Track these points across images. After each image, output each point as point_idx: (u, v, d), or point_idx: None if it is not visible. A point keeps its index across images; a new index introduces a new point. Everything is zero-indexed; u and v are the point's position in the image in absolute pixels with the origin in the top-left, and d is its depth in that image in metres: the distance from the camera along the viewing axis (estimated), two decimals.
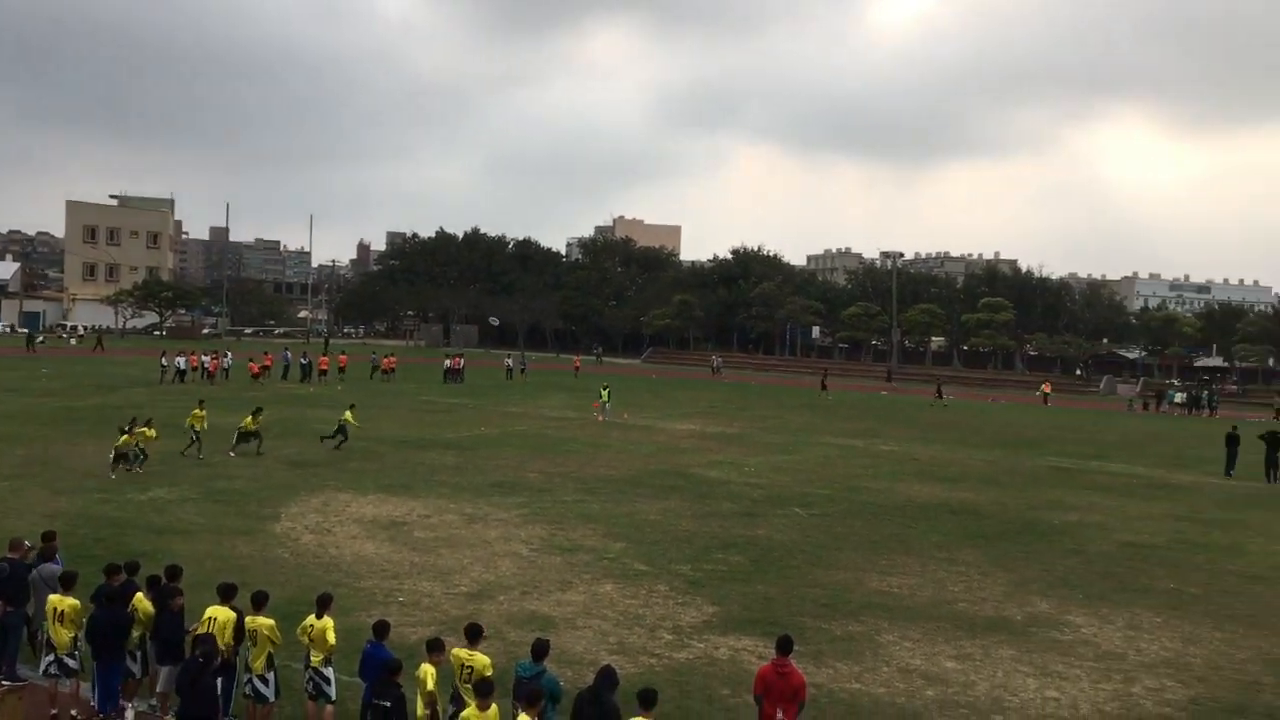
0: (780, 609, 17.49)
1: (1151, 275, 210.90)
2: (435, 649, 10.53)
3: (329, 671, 11.34)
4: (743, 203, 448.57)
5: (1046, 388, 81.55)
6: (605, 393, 49.51)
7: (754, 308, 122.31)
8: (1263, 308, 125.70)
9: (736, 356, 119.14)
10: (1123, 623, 17.62)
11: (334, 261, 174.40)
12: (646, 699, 9.31)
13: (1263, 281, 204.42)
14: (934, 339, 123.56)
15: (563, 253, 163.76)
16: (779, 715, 10.27)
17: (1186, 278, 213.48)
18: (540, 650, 10.40)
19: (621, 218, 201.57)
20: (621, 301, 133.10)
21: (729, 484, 30.14)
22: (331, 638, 11.35)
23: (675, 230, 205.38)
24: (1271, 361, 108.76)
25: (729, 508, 26.27)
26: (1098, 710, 13.51)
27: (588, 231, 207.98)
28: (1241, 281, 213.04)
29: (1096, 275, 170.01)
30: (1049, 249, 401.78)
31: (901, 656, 15.39)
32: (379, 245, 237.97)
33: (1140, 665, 15.45)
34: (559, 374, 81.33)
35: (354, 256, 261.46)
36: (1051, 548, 23.51)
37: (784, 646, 10.70)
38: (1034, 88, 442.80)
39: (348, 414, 34.69)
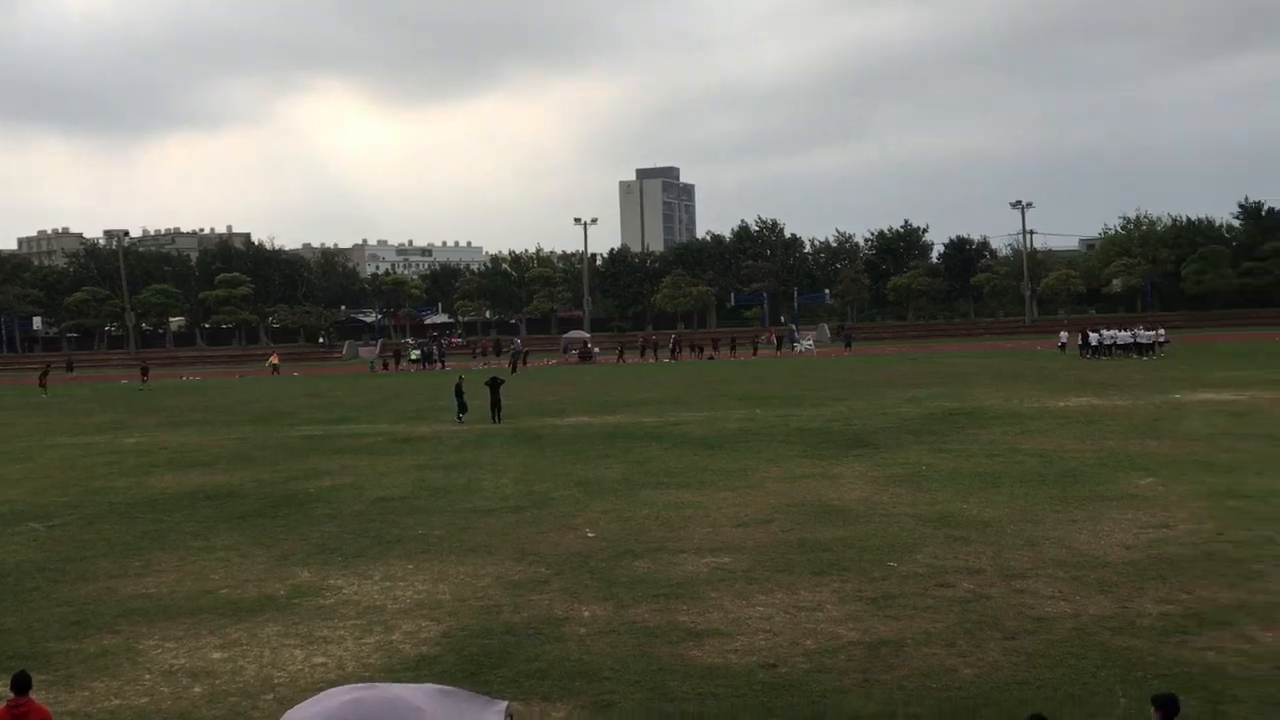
0: (20, 640, 15.67)
1: (380, 242, 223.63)
2: None
3: None
4: None
5: (274, 359, 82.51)
6: None
7: None
8: (476, 266, 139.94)
9: None
10: (380, 576, 18.66)
11: None
12: None
13: (475, 243, 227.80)
14: (173, 319, 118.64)
15: None
16: None
17: (411, 243, 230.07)
18: None
19: None
20: None
21: None
22: None
23: None
24: (488, 314, 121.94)
25: None
26: (362, 664, 14.19)
27: None
28: (457, 244, 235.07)
29: (329, 244, 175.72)
30: (280, 221, 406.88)
31: (164, 659, 14.70)
32: None
33: (398, 613, 16.52)
34: None
35: None
36: (309, 516, 24.05)
37: (19, 685, 9.61)
38: (244, 59, 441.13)
39: None
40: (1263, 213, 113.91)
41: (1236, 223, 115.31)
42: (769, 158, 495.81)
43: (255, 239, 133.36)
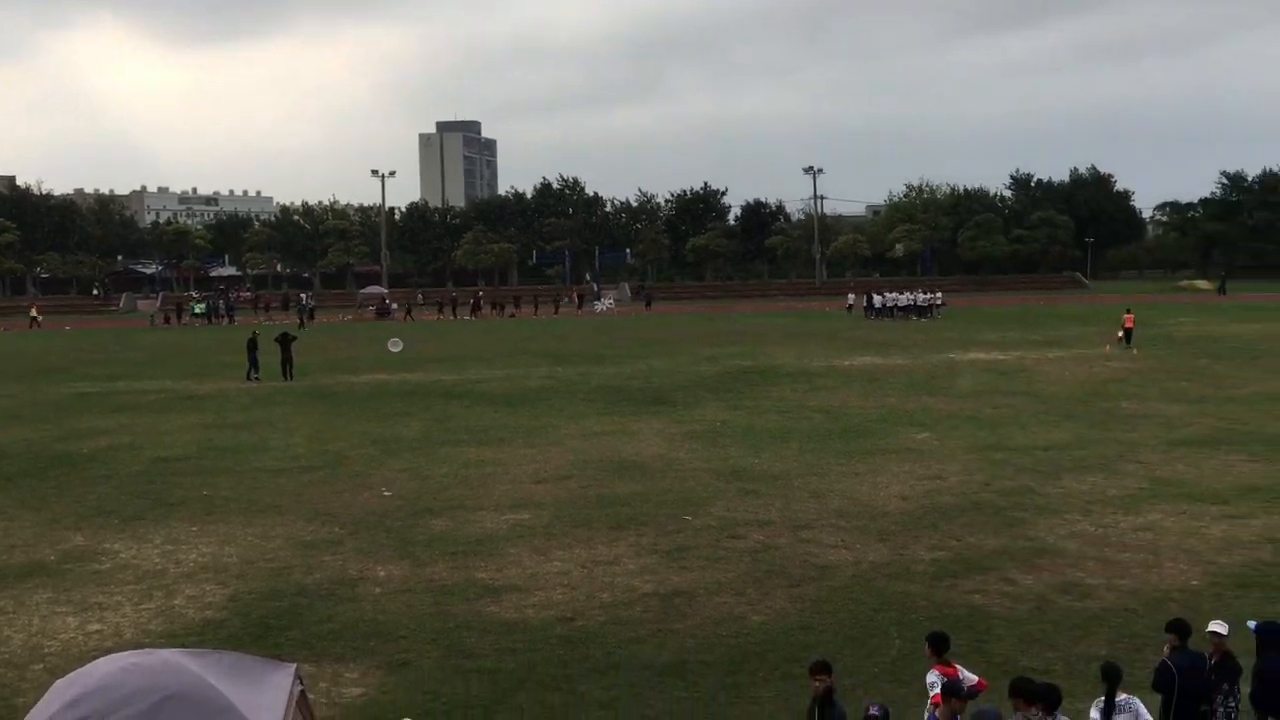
0: None
1: (161, 189, 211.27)
2: None
3: None
4: None
5: (34, 310, 77.14)
6: None
7: None
8: (266, 217, 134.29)
9: None
10: (161, 539, 17.83)
11: None
12: None
13: (265, 193, 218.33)
14: None
15: None
16: None
17: (195, 190, 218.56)
18: None
19: None
20: None
21: None
22: None
23: None
24: (280, 267, 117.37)
25: None
26: (141, 631, 13.57)
27: None
28: (246, 193, 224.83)
29: (104, 191, 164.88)
30: (48, 163, 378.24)
31: None
32: None
33: (181, 576, 15.84)
34: None
35: None
36: (83, 477, 22.72)
37: None
38: None
39: None
40: (1032, 184, 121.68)
41: (1009, 193, 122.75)
42: (570, 114, 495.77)
43: (21, 182, 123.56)
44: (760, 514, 18.59)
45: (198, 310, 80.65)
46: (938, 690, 8.28)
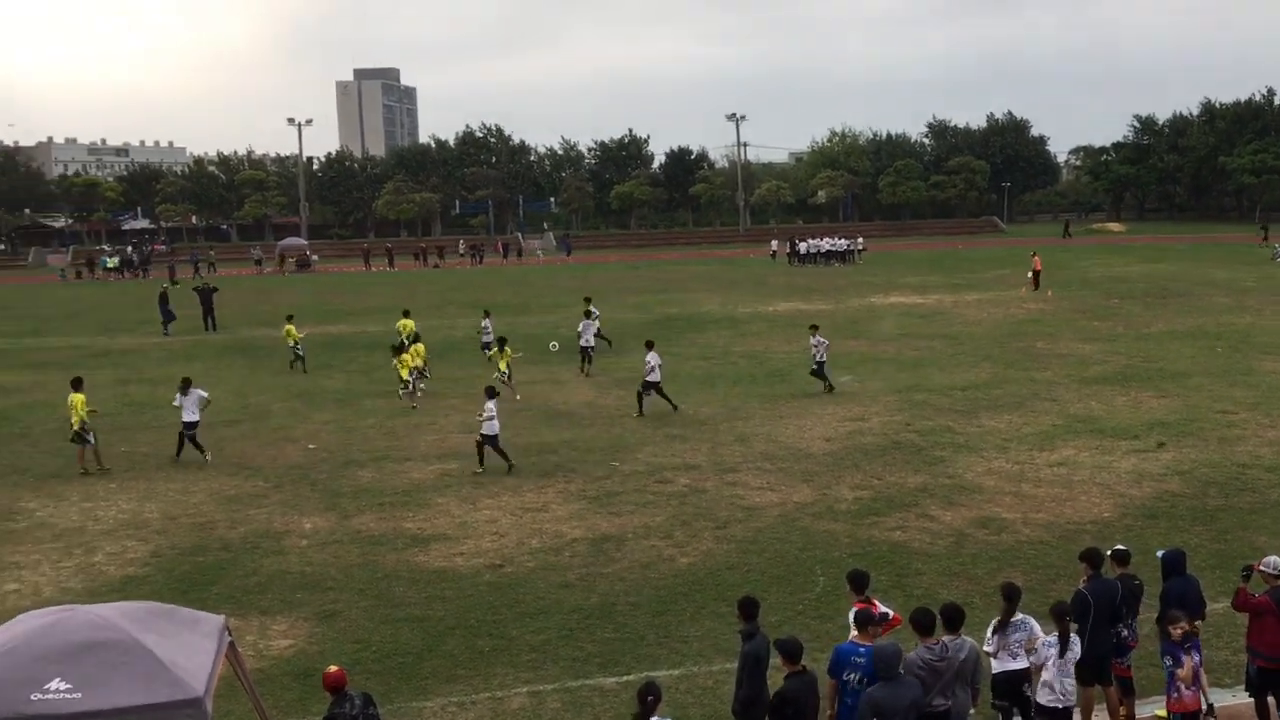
0: None
1: (69, 140, 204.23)
2: None
3: None
4: None
5: None
6: None
7: None
8: (180, 168, 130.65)
9: None
10: (78, 496, 17.49)
11: None
12: None
13: (177, 143, 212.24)
14: None
15: None
16: None
17: (104, 141, 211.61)
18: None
19: None
20: None
21: None
22: None
23: None
24: (195, 219, 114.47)
25: None
26: (61, 589, 13.33)
27: None
28: (158, 143, 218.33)
29: (9, 142, 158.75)
30: None
31: None
32: None
33: (100, 534, 15.57)
34: None
35: None
36: None
37: None
38: None
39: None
40: (949, 130, 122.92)
41: (927, 140, 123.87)
42: (477, 63, 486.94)
43: None
44: (687, 458, 18.76)
45: (110, 264, 78.41)
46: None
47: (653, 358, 22.58)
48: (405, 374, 24.72)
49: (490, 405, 18.24)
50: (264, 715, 8.89)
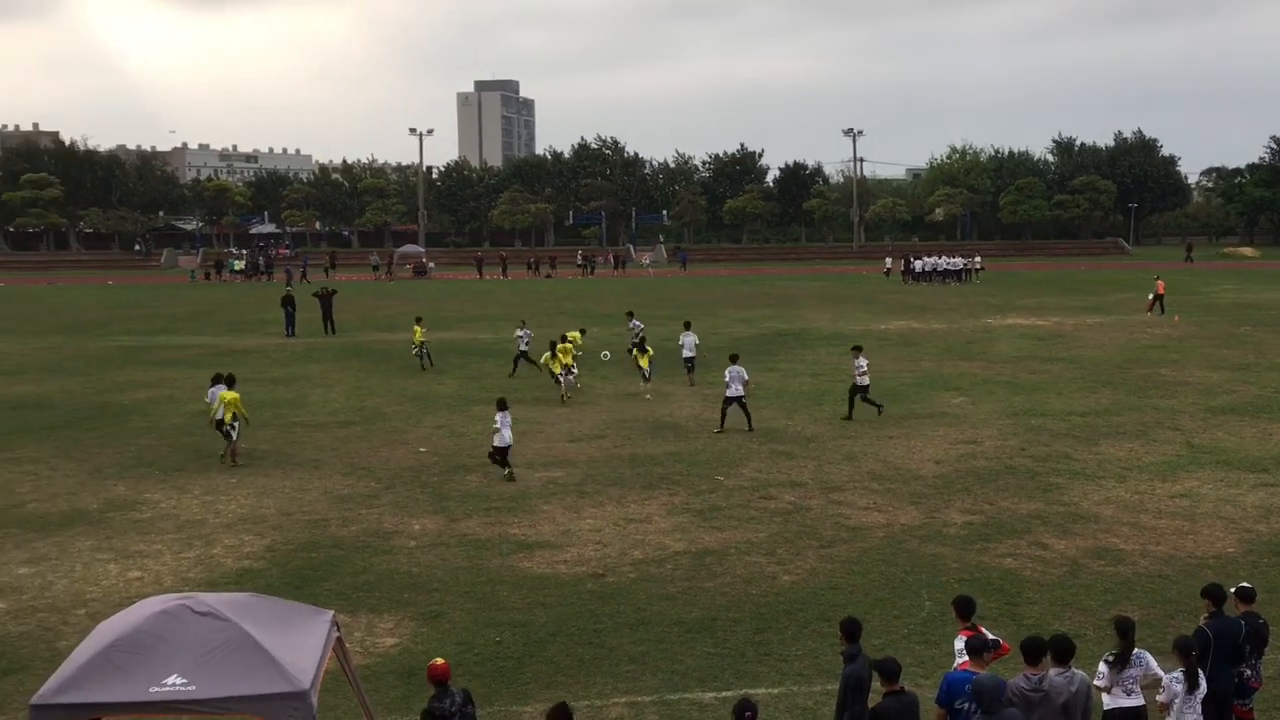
0: None
1: (202, 146, 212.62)
2: None
3: None
4: None
5: None
6: None
7: None
8: (305, 175, 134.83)
9: None
10: (200, 490, 18.12)
11: None
12: None
13: (304, 151, 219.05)
14: None
15: None
16: None
17: (235, 148, 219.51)
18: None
19: None
20: None
21: None
22: None
23: None
24: (318, 225, 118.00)
25: None
26: (181, 579, 13.82)
27: None
28: (285, 150, 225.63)
29: (146, 147, 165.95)
30: (92, 119, 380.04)
31: None
32: None
33: (220, 527, 16.10)
34: None
35: None
36: (124, 428, 23.10)
37: None
38: None
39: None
40: (1075, 148, 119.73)
41: (1051, 157, 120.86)
42: (593, 76, 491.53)
43: (66, 139, 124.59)
44: (793, 475, 18.59)
45: (237, 267, 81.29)
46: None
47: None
48: (558, 369, 26.41)
49: (499, 417, 18.46)
50: (368, 711, 9.06)
